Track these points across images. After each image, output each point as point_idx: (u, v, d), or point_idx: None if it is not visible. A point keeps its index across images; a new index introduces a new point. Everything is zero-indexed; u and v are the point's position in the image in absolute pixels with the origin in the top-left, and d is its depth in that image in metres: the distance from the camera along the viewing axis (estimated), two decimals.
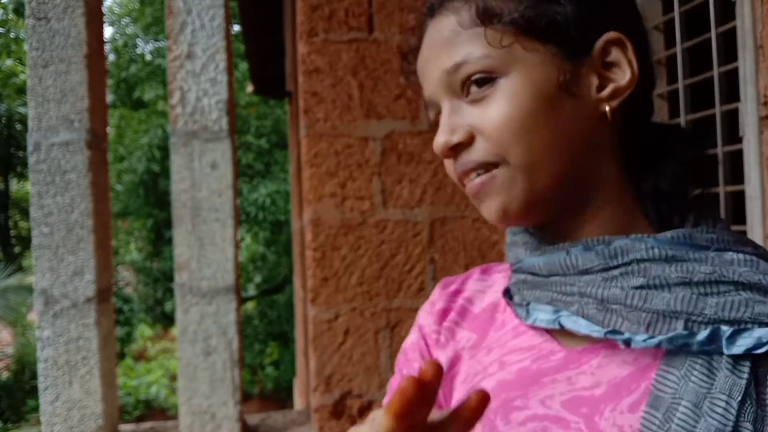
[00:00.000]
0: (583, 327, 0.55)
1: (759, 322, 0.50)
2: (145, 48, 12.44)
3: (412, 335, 0.73)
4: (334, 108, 1.91)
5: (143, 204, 10.30)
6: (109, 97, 11.19)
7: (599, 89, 0.57)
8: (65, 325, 2.21)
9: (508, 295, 0.63)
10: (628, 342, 0.52)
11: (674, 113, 1.70)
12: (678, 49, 1.62)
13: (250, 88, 7.14)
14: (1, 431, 7.58)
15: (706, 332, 0.50)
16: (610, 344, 0.55)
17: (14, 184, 13.00)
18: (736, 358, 0.50)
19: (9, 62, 11.86)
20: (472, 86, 0.56)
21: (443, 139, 0.57)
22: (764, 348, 0.49)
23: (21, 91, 11.17)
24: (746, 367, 0.50)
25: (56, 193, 2.21)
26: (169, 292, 10.29)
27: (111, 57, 11.79)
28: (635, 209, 0.60)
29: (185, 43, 2.26)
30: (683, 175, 0.61)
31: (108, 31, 13.32)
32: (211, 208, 2.25)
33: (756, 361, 0.50)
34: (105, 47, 2.56)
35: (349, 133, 1.92)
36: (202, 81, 2.27)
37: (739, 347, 0.49)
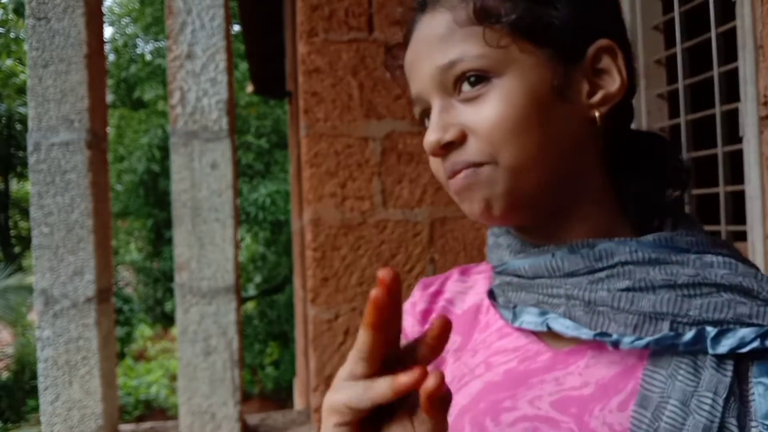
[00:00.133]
0: (572, 329, 0.55)
1: (741, 322, 0.52)
2: (145, 48, 12.44)
3: None
4: (334, 108, 1.91)
5: (143, 204, 10.30)
6: (109, 97, 11.18)
7: (589, 95, 0.58)
8: (65, 325, 2.21)
9: (492, 297, 0.64)
10: (616, 343, 0.53)
11: (674, 113, 1.70)
12: (678, 49, 1.62)
13: (250, 88, 7.14)
14: (1, 431, 7.57)
15: (691, 333, 0.52)
16: (597, 345, 0.56)
17: (14, 184, 13.00)
18: (720, 357, 0.52)
19: (9, 62, 11.86)
20: (465, 85, 0.56)
21: (435, 137, 0.57)
22: (747, 347, 0.51)
23: (21, 91, 11.17)
24: (730, 365, 0.51)
25: (56, 193, 2.21)
26: (169, 292, 10.29)
27: (111, 57, 11.79)
28: (617, 213, 0.61)
29: (185, 43, 2.26)
30: (661, 179, 0.63)
31: (108, 31, 13.33)
32: (211, 208, 2.25)
33: (738, 360, 0.52)
34: (105, 47, 2.56)
35: (349, 133, 1.92)
36: (202, 81, 2.27)
37: (724, 347, 0.51)
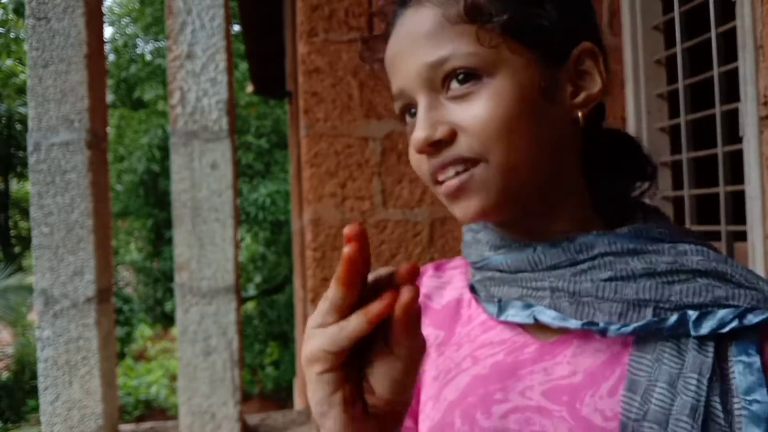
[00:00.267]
0: (559, 320, 0.57)
1: (719, 304, 0.54)
2: (145, 48, 12.45)
3: None
4: (334, 108, 1.91)
5: (143, 204, 10.30)
6: (109, 97, 11.19)
7: (573, 96, 0.59)
8: (65, 325, 2.21)
9: (474, 291, 0.65)
10: (604, 332, 0.56)
11: (674, 113, 1.70)
12: (678, 49, 1.62)
13: (250, 88, 7.14)
14: (1, 431, 7.58)
15: (674, 317, 0.54)
16: (582, 334, 0.58)
17: (14, 184, 13.00)
18: (701, 339, 0.54)
19: (9, 62, 11.86)
20: (453, 82, 0.56)
21: (424, 134, 0.56)
22: (727, 327, 0.53)
23: (21, 91, 11.17)
24: (711, 346, 0.54)
25: (56, 193, 2.21)
26: (169, 292, 10.29)
27: (111, 57, 11.79)
28: (592, 208, 0.63)
29: (185, 43, 2.26)
30: (630, 174, 0.66)
31: (108, 31, 13.33)
32: (211, 208, 2.25)
33: (718, 341, 0.55)
34: (105, 47, 2.56)
35: (349, 133, 1.92)
36: (202, 81, 2.27)
37: (705, 329, 0.54)
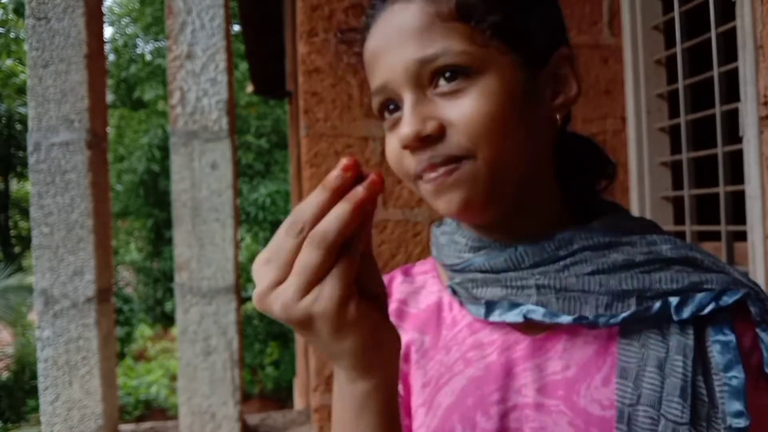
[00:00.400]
0: (550, 316, 0.58)
1: (695, 289, 0.57)
2: (145, 48, 12.46)
3: None
4: (334, 108, 1.91)
5: (143, 204, 10.31)
6: (109, 97, 11.19)
7: (552, 98, 0.61)
8: (65, 325, 2.21)
9: (455, 294, 0.65)
10: (594, 324, 0.57)
11: (674, 113, 1.70)
12: (678, 49, 1.62)
13: (250, 88, 7.14)
14: (1, 431, 7.58)
15: (658, 304, 0.56)
16: (570, 328, 0.59)
17: (14, 184, 13.00)
18: (682, 323, 0.57)
19: (9, 62, 11.86)
20: (441, 79, 0.56)
21: (413, 129, 0.56)
22: (706, 310, 0.56)
23: (21, 91, 11.17)
24: (690, 329, 0.57)
25: (56, 193, 2.21)
26: (169, 292, 10.30)
27: (111, 57, 11.80)
28: (563, 205, 0.65)
29: (185, 43, 2.26)
30: (593, 173, 0.68)
31: (108, 31, 13.33)
32: (211, 208, 2.25)
33: (696, 324, 0.57)
34: (105, 47, 2.56)
35: (349, 133, 1.92)
36: (202, 81, 2.27)
37: (686, 312, 0.56)
